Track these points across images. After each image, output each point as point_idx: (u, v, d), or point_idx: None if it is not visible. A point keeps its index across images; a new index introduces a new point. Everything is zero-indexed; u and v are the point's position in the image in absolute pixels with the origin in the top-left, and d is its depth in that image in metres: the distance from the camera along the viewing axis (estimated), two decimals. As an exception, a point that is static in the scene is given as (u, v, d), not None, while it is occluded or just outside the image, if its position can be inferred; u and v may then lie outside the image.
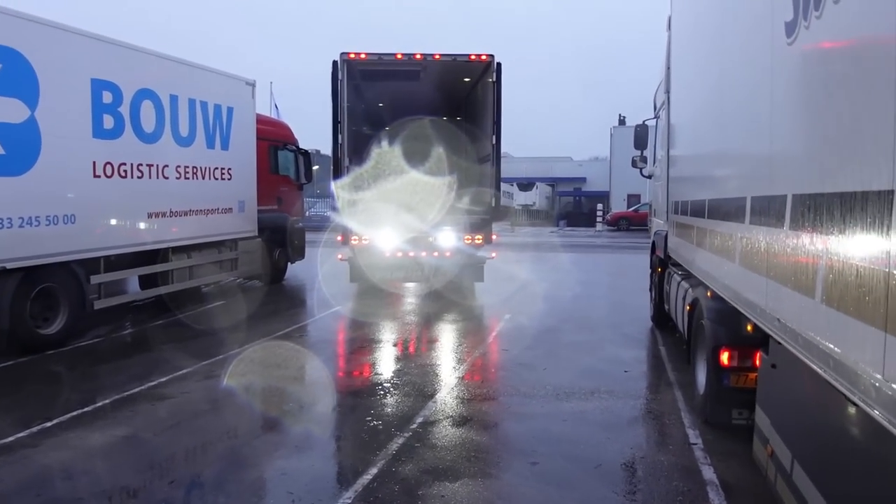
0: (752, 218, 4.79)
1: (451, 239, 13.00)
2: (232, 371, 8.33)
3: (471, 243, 13.17)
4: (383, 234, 12.84)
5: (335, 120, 12.88)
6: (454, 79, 14.74)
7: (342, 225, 12.93)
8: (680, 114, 8.92)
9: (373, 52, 13.00)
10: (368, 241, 12.89)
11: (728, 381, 5.87)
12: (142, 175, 11.05)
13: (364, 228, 12.83)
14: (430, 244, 12.95)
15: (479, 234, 13.24)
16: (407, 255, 12.99)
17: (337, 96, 12.83)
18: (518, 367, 8.71)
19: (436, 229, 12.96)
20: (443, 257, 13.07)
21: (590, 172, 61.76)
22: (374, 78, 14.58)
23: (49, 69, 9.11)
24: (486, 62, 13.06)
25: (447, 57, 13.12)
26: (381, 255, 12.96)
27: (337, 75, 12.77)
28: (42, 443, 5.97)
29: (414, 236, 12.85)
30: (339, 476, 5.30)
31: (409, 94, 15.80)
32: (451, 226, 13.06)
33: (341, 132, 12.87)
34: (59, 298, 9.64)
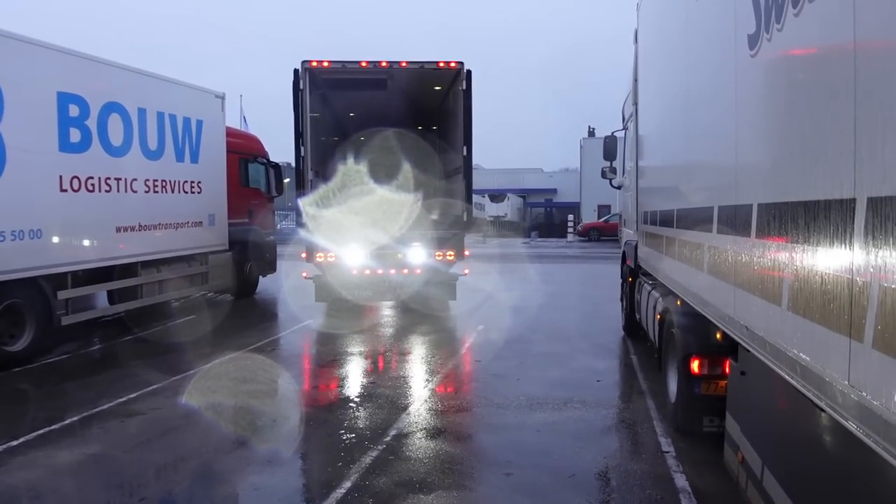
0: (720, 227, 4.87)
1: (422, 255, 12.48)
2: (202, 386, 8.23)
3: (442, 259, 12.62)
4: (350, 251, 12.32)
5: (297, 131, 12.29)
6: (424, 87, 14.22)
7: (306, 240, 12.40)
8: (648, 125, 9.04)
9: (336, 60, 12.49)
10: (334, 257, 12.36)
11: (699, 389, 5.93)
12: (110, 189, 10.91)
13: (329, 244, 12.32)
14: (399, 261, 12.46)
15: (450, 249, 12.65)
16: (375, 273, 12.40)
17: (299, 106, 12.28)
18: (491, 378, 8.72)
19: (405, 245, 12.46)
20: (413, 275, 12.45)
21: (560, 183, 62.20)
22: (340, 87, 14.03)
23: (14, 82, 8.97)
24: (455, 69, 12.56)
25: (414, 64, 12.60)
26: (348, 272, 12.38)
27: (298, 84, 12.22)
28: (8, 462, 5.84)
29: (382, 253, 12.36)
30: (312, 490, 5.25)
31: (377, 103, 15.24)
32: (421, 241, 12.55)
33: (304, 144, 12.30)
34: (24, 314, 9.45)
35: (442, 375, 8.89)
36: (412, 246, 12.45)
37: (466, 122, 12.50)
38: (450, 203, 13.79)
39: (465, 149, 12.56)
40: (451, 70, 12.62)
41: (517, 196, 59.42)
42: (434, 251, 12.51)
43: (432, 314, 12.89)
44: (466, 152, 12.59)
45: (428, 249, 12.51)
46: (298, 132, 12.25)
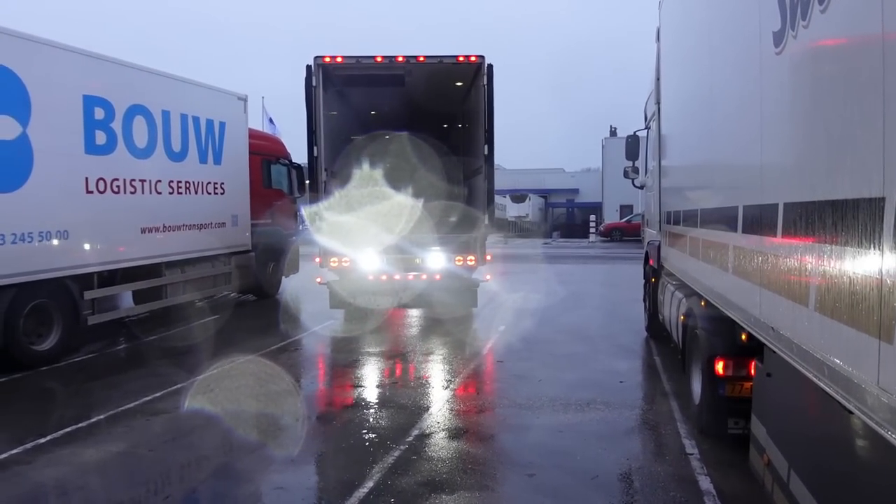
0: (745, 227, 4.81)
1: (441, 260, 11.78)
2: (225, 386, 8.30)
3: (462, 264, 11.88)
4: (365, 256, 11.68)
5: (310, 130, 11.73)
6: (444, 84, 13.49)
7: (320, 245, 11.85)
8: (670, 124, 8.97)
9: (350, 56, 11.90)
10: (349, 263, 11.73)
11: (723, 391, 5.86)
12: (134, 190, 11.04)
13: (344, 249, 11.72)
14: (417, 266, 11.80)
15: (471, 254, 11.92)
16: (392, 279, 11.75)
17: (312, 104, 11.68)
18: (513, 379, 8.71)
19: (424, 250, 11.82)
20: (432, 280, 11.77)
21: (582, 184, 61.96)
22: (355, 84, 13.39)
23: (41, 86, 9.11)
24: (475, 63, 11.86)
25: (432, 59, 11.91)
26: (364, 278, 11.75)
27: (311, 81, 11.62)
28: (36, 459, 5.93)
29: (399, 258, 11.73)
30: (334, 490, 5.26)
31: (396, 101, 14.69)
32: (440, 245, 11.89)
33: (317, 143, 11.75)
34: (52, 314, 9.60)
35: (464, 376, 8.89)
36: (431, 250, 11.84)
37: (488, 120, 11.88)
38: (470, 205, 13.25)
39: (487, 148, 11.93)
40: (472, 64, 11.99)
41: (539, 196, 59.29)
42: (454, 255, 11.85)
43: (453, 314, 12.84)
44: (488, 151, 11.95)
45: (447, 254, 11.87)
46: (311, 131, 11.76)
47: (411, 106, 14.76)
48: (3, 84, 8.61)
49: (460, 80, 13.28)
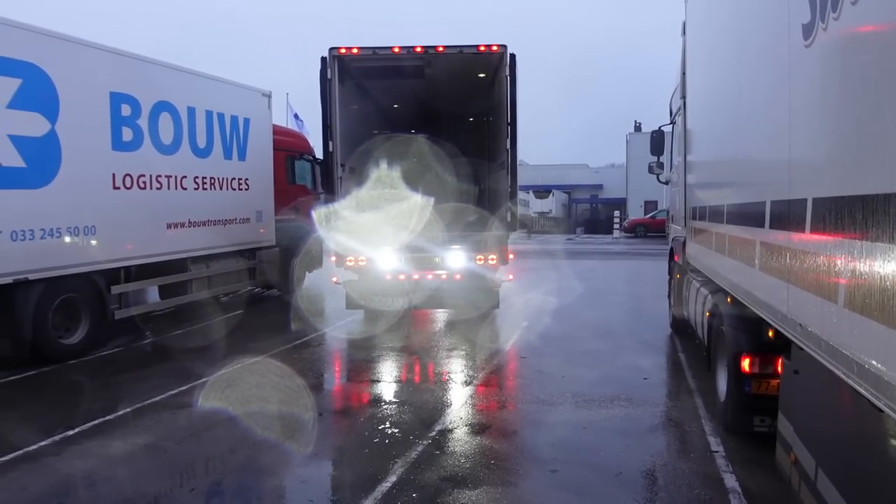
0: (772, 222, 4.75)
1: (461, 259, 11.36)
2: (250, 380, 8.37)
3: (483, 263, 11.45)
4: (383, 255, 11.33)
5: (325, 124, 11.34)
6: (466, 75, 12.93)
7: (336, 242, 11.51)
8: (696, 119, 8.88)
9: (366, 46, 11.48)
10: (366, 262, 11.38)
11: (749, 388, 5.81)
12: (160, 186, 11.16)
13: (361, 248, 11.34)
14: (437, 265, 11.42)
15: (492, 253, 11.46)
16: (411, 279, 11.40)
17: (327, 97, 11.26)
18: (536, 375, 8.68)
19: (443, 248, 11.41)
20: (452, 280, 11.39)
21: (606, 179, 61.56)
22: (373, 76, 12.86)
23: (68, 83, 9.24)
24: (497, 53, 11.31)
25: (452, 49, 11.39)
26: (381, 278, 11.42)
27: (326, 73, 11.17)
28: (64, 451, 6.03)
29: (418, 257, 11.35)
30: (358, 484, 5.29)
31: (416, 94, 14.19)
32: (460, 244, 11.46)
33: (332, 138, 11.34)
34: (80, 308, 9.75)
35: (487, 372, 8.88)
36: (451, 249, 11.41)
37: (511, 112, 11.30)
38: (493, 201, 12.80)
39: (509, 142, 11.35)
40: (494, 54, 11.42)
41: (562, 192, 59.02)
42: (474, 254, 11.42)
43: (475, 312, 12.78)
44: (510, 145, 11.37)
45: (468, 252, 11.44)
46: (326, 125, 11.35)
47: (433, 99, 14.37)
48: (32, 81, 8.74)
49: (483, 72, 12.77)
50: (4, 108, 8.39)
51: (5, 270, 8.44)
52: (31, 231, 8.72)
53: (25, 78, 8.63)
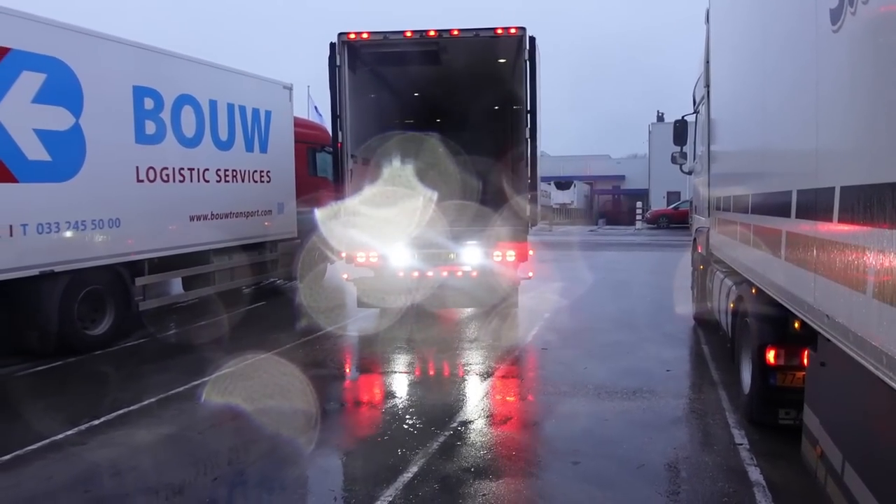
0: (799, 212, 4.67)
1: (477, 255, 10.81)
2: (272, 370, 8.43)
3: (501, 260, 10.88)
4: (395, 251, 10.82)
5: (334, 114, 10.84)
6: (485, 60, 12.27)
7: (346, 238, 11.00)
8: (720, 108, 8.76)
9: (377, 31, 10.89)
10: (377, 259, 10.88)
11: (774, 381, 5.73)
12: (183, 179, 11.25)
13: (371, 243, 10.82)
14: (451, 262, 10.87)
15: (510, 249, 10.85)
16: (425, 276, 10.89)
17: (336, 85, 10.74)
18: (557, 367, 8.65)
19: (458, 244, 10.85)
20: (468, 278, 10.81)
21: (628, 170, 61.17)
22: (385, 62, 12.28)
23: (92, 77, 9.33)
24: (515, 36, 10.66)
25: (468, 32, 10.76)
26: (394, 276, 10.93)
27: (335, 60, 10.68)
28: (90, 440, 6.12)
29: (432, 253, 10.82)
30: (379, 474, 5.30)
31: (432, 82, 13.58)
32: (477, 239, 10.87)
33: (342, 128, 10.86)
34: (105, 300, 9.87)
35: (508, 363, 8.86)
36: (466, 245, 10.84)
37: (530, 99, 10.65)
38: (511, 194, 12.01)
39: (529, 130, 10.72)
40: (512, 37, 10.77)
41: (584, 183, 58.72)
42: (492, 250, 10.84)
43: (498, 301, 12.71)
44: (530, 134, 10.74)
45: (484, 248, 10.86)
46: (336, 115, 10.84)
47: (451, 87, 13.84)
48: (57, 76, 8.84)
49: (503, 57, 12.07)
50: (30, 103, 8.51)
51: (32, 263, 8.56)
52: (57, 224, 8.83)
53: (50, 73, 8.74)
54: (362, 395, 7.69)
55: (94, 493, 5.12)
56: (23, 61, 8.39)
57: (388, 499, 4.87)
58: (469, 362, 8.92)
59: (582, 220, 50.13)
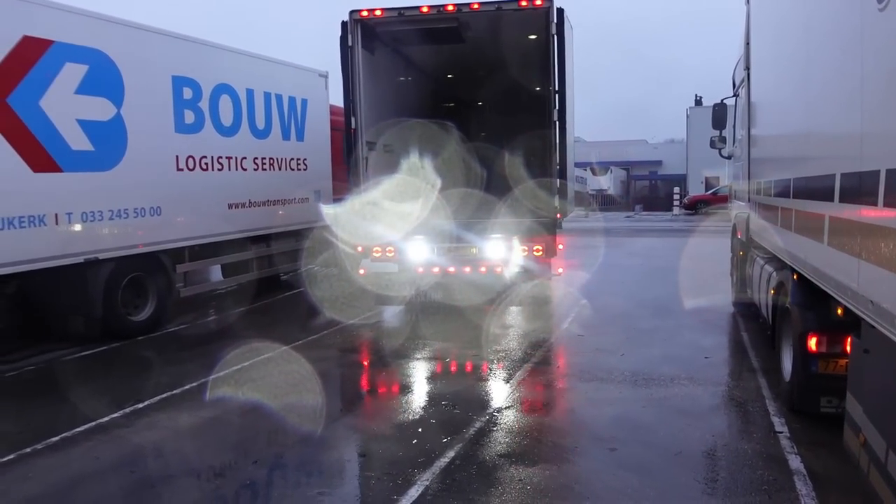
0: (842, 196, 4.57)
1: (502, 250, 9.95)
2: (310, 356, 8.53)
3: (528, 255, 9.94)
4: (413, 245, 10.09)
5: (347, 97, 10.14)
6: (513, 37, 11.26)
7: (362, 231, 10.28)
8: (761, 91, 8.58)
9: (391, 7, 10.19)
10: (394, 253, 10.16)
11: (816, 368, 5.65)
12: (221, 167, 11.41)
13: (388, 236, 10.12)
14: (474, 257, 10.02)
15: (537, 242, 9.90)
16: (446, 272, 10.11)
17: (348, 67, 10.05)
18: (594, 353, 8.61)
19: (482, 238, 10.04)
20: (492, 274, 9.97)
21: (665, 155, 60.27)
22: (404, 42, 11.49)
23: (132, 68, 9.49)
24: (541, 8, 9.76)
25: (489, 6, 9.99)
26: (412, 271, 10.18)
27: (346, 40, 9.96)
28: (134, 423, 6.28)
29: (454, 247, 10.08)
30: (416, 459, 5.35)
31: (457, 61, 12.75)
32: (502, 233, 10.03)
33: (355, 113, 10.15)
34: (147, 287, 10.08)
35: (544, 349, 8.84)
36: (490, 238, 10.02)
37: (559, 77, 9.72)
38: (539, 184, 11.00)
39: (557, 113, 9.77)
40: (538, 10, 9.88)
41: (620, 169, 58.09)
42: (517, 244, 9.96)
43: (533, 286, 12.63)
44: (558, 117, 9.79)
45: (510, 242, 10.00)
46: (349, 98, 10.15)
47: (477, 67, 13.00)
48: (99, 67, 9.01)
49: (533, 32, 10.87)
50: (73, 94, 8.69)
51: (77, 250, 8.78)
52: (101, 212, 9.03)
53: (92, 64, 8.91)
54: (399, 380, 7.75)
55: (140, 474, 5.26)
56: (66, 53, 8.57)
57: (425, 483, 4.92)
58: (505, 349, 8.93)
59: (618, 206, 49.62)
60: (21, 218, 8.07)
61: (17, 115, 8.03)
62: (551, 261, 10.21)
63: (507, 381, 7.43)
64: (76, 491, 4.98)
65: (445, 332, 9.94)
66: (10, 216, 7.93)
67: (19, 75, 8.05)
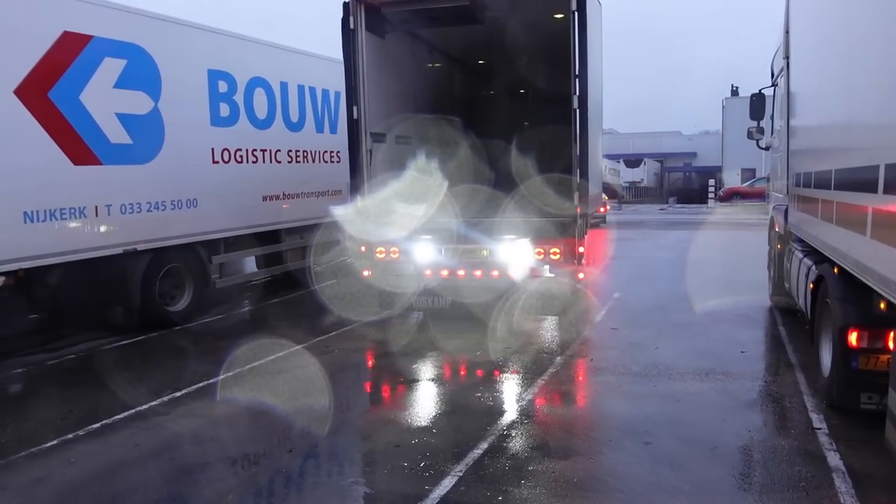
0: (886, 187, 4.46)
1: (515, 252, 9.02)
2: (344, 347, 8.62)
3: (543, 258, 8.94)
4: (419, 246, 9.28)
5: (349, 85, 9.39)
6: (537, 17, 10.26)
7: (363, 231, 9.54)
8: (801, 80, 8.41)
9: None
10: (398, 254, 9.42)
11: (857, 364, 5.53)
12: (256, 160, 11.52)
13: (392, 237, 9.37)
14: (485, 260, 9.14)
15: (555, 245, 8.89)
16: (455, 276, 9.19)
17: (350, 53, 9.31)
18: (628, 346, 8.54)
19: (494, 239, 9.09)
20: (504, 278, 9.03)
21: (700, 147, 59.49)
22: (414, 25, 10.60)
23: (169, 62, 9.63)
24: None
25: None
26: (419, 274, 9.35)
27: (348, 23, 9.21)
28: (172, 411, 6.40)
29: (463, 248, 9.20)
30: (449, 450, 5.37)
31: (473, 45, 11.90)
32: (515, 233, 9.04)
33: (357, 102, 9.37)
34: (184, 278, 10.26)
35: (578, 342, 8.80)
36: (503, 240, 9.07)
37: (580, 61, 8.65)
38: (557, 180, 9.92)
39: (577, 100, 8.71)
40: None
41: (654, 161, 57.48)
42: (533, 246, 8.96)
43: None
44: (579, 104, 8.72)
45: (524, 244, 9.02)
46: (350, 86, 9.41)
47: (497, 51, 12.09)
48: (136, 62, 9.16)
49: (560, 11, 9.50)
50: (112, 89, 8.85)
51: (116, 242, 8.95)
52: (139, 204, 9.19)
53: (130, 59, 9.06)
54: (432, 371, 7.77)
55: (178, 461, 5.36)
56: (105, 48, 8.72)
57: (459, 474, 4.94)
58: (538, 342, 8.90)
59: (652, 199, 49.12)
60: (63, 210, 8.25)
61: (58, 109, 8.20)
62: (571, 266, 9.04)
63: (540, 373, 7.40)
64: (117, 476, 5.09)
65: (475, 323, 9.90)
66: (51, 208, 8.11)
67: (60, 70, 8.22)
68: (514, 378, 7.28)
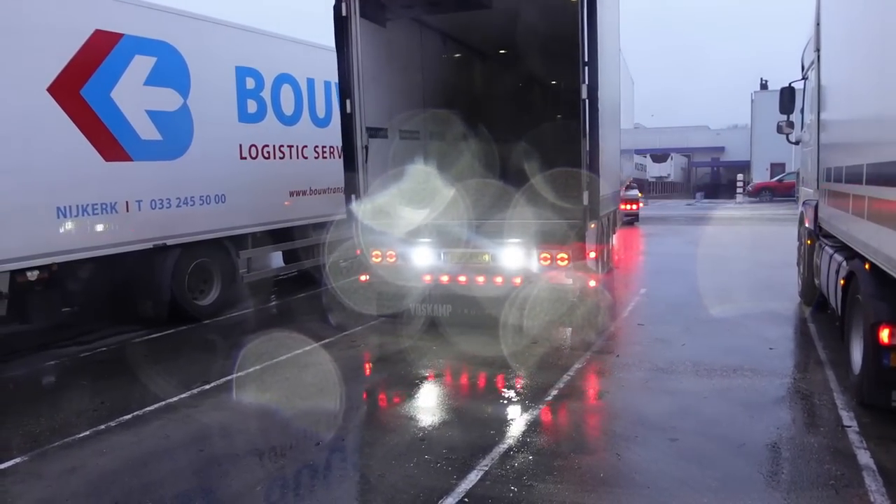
0: (920, 182, 4.39)
1: (520, 257, 8.49)
2: (369, 342, 8.68)
3: (549, 264, 8.38)
4: (417, 250, 8.84)
5: (342, 78, 8.91)
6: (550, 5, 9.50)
7: (360, 233, 9.09)
8: (832, 73, 8.28)
9: None
10: (395, 258, 8.96)
11: (888, 361, 5.45)
12: (283, 156, 11.63)
13: (390, 239, 8.93)
14: (487, 265, 8.63)
15: (562, 250, 8.33)
16: (456, 282, 8.69)
17: (344, 43, 8.80)
18: (655, 343, 8.49)
19: (497, 243, 8.58)
20: (508, 285, 8.49)
21: (728, 141, 58.77)
22: (415, 11, 10.15)
23: (198, 59, 9.76)
24: None
25: None
26: (417, 280, 8.85)
27: (340, 10, 8.73)
28: (201, 403, 6.51)
29: (465, 253, 8.70)
30: (474, 444, 5.38)
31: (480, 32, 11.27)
32: (521, 237, 8.50)
33: (350, 96, 8.85)
34: (212, 272, 10.39)
35: (604, 338, 8.77)
36: (507, 244, 8.55)
37: (589, 48, 7.95)
38: (563, 176, 9.27)
39: (586, 90, 7.97)
40: None
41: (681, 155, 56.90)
42: (539, 251, 8.42)
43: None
44: (588, 94, 7.97)
45: (530, 249, 8.46)
46: (344, 78, 8.92)
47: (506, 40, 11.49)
48: (166, 59, 9.29)
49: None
50: (142, 86, 8.98)
51: (146, 237, 9.10)
52: (168, 200, 9.33)
53: (160, 56, 9.20)
54: (456, 366, 7.78)
55: (207, 453, 5.45)
56: (135, 46, 8.85)
57: (485, 468, 4.96)
58: (564, 336, 8.89)
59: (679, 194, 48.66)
60: (94, 205, 8.40)
61: (90, 106, 8.35)
62: (581, 273, 8.40)
63: (566, 369, 7.39)
64: (148, 467, 5.18)
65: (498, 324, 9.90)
66: (83, 203, 8.27)
67: (92, 68, 8.37)
68: (539, 373, 7.27)
